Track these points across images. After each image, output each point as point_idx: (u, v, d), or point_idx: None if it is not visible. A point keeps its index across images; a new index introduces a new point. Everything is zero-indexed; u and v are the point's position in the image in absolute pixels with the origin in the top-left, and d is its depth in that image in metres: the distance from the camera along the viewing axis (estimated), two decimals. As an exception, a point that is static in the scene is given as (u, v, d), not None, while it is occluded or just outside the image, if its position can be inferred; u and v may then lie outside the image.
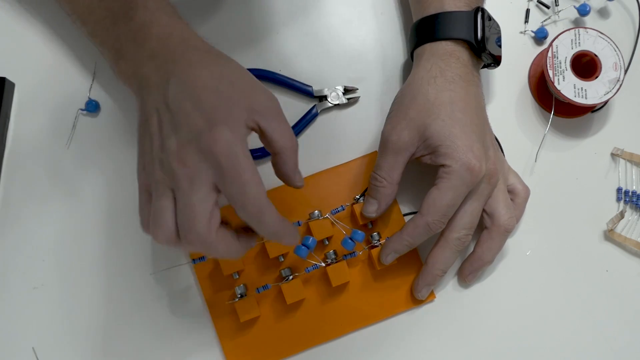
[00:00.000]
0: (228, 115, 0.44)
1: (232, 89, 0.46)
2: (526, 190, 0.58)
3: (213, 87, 0.45)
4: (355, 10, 0.64)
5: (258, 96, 0.47)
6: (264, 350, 0.57)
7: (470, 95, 0.54)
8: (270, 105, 0.47)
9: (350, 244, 0.55)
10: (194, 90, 0.45)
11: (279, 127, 0.47)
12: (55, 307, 0.58)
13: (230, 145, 0.43)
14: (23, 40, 0.61)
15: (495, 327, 0.59)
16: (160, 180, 0.44)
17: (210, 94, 0.45)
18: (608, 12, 0.65)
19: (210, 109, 0.44)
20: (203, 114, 0.44)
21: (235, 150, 0.43)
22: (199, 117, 0.44)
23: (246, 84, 0.47)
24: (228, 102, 0.45)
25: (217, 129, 0.43)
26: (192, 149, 0.43)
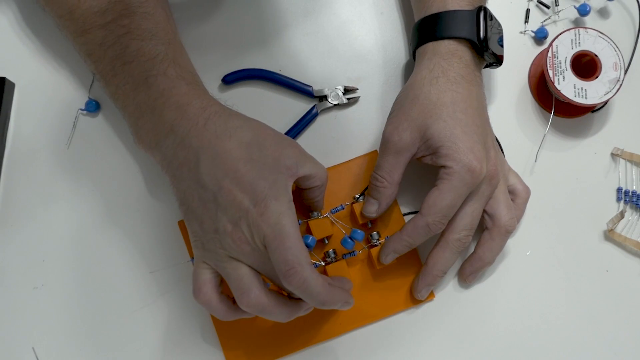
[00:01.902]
0: (271, 185, 0.45)
1: (263, 153, 0.46)
2: (527, 190, 0.58)
3: (246, 158, 0.46)
4: (355, 10, 0.64)
5: (286, 149, 0.48)
6: (264, 349, 0.57)
7: (472, 96, 0.54)
8: (298, 153, 0.49)
9: (349, 243, 0.55)
10: (229, 165, 0.45)
11: (313, 168, 0.49)
12: (55, 307, 0.58)
13: (277, 215, 0.45)
14: (23, 41, 0.62)
15: (495, 327, 0.59)
16: (224, 255, 0.46)
17: (246, 166, 0.45)
18: (608, 12, 0.65)
19: (250, 184, 0.45)
20: (245, 191, 0.45)
21: (281, 220, 0.45)
22: (241, 195, 0.45)
23: (273, 142, 0.48)
24: (264, 170, 0.46)
25: (262, 205, 0.45)
26: (244, 226, 0.45)
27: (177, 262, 0.58)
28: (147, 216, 0.59)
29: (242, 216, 0.45)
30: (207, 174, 0.46)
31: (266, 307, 0.46)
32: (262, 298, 0.46)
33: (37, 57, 0.61)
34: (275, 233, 0.45)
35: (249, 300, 0.46)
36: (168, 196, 0.59)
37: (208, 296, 0.47)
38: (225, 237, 0.45)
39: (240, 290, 0.46)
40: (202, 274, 0.48)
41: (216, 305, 0.48)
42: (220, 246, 0.46)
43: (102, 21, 0.51)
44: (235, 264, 0.46)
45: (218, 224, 0.46)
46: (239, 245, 0.45)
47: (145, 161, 0.60)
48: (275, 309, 0.47)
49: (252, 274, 0.46)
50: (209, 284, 0.48)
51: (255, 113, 0.61)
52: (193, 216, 0.47)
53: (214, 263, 0.47)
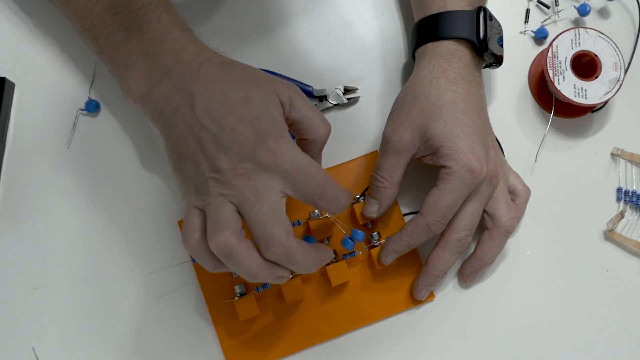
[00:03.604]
0: (272, 122, 0.45)
1: (259, 90, 0.46)
2: (527, 190, 0.58)
3: (243, 97, 0.45)
4: (355, 10, 0.64)
5: (279, 88, 0.47)
6: (263, 349, 0.57)
7: (472, 96, 0.54)
8: (295, 93, 0.48)
9: (350, 244, 0.55)
10: (227, 105, 0.45)
11: (309, 116, 0.48)
12: (55, 307, 0.58)
13: (289, 150, 0.44)
14: (23, 40, 0.61)
15: (495, 327, 0.59)
16: (218, 196, 0.44)
17: (246, 106, 0.45)
18: (608, 12, 0.65)
19: (253, 121, 0.44)
20: (249, 128, 0.44)
21: (294, 153, 0.45)
22: (247, 132, 0.44)
23: (266, 80, 0.47)
24: (265, 109, 0.45)
25: (270, 140, 0.44)
26: (249, 164, 0.44)
27: (177, 262, 0.58)
28: (147, 216, 0.59)
29: (249, 153, 0.44)
30: (206, 116, 0.44)
31: (234, 251, 0.44)
32: (233, 240, 0.43)
33: (37, 57, 0.61)
34: (296, 166, 0.44)
35: (218, 238, 0.43)
36: (168, 196, 0.59)
37: (199, 242, 0.45)
38: (224, 174, 0.44)
39: (214, 226, 0.44)
40: (193, 220, 0.45)
41: (205, 254, 0.45)
42: (214, 185, 0.44)
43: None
44: (222, 201, 0.44)
45: (219, 163, 0.44)
46: (239, 180, 0.44)
47: (146, 161, 0.60)
48: (243, 258, 0.44)
49: (234, 215, 0.44)
50: (200, 230, 0.45)
51: (255, 113, 0.61)
52: (189, 161, 0.45)
53: (203, 203, 0.45)
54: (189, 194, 0.46)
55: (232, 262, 0.44)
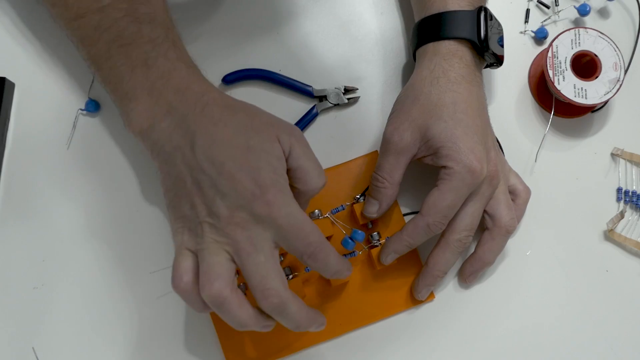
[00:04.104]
0: (272, 174, 0.45)
1: (263, 141, 0.46)
2: (527, 191, 0.58)
3: (244, 145, 0.45)
4: (355, 10, 0.64)
5: (284, 136, 0.47)
6: (263, 349, 0.57)
7: (472, 96, 0.54)
8: (296, 140, 0.47)
9: (350, 244, 0.55)
10: (228, 151, 0.45)
11: (308, 167, 0.48)
12: (55, 307, 0.58)
13: (286, 206, 0.44)
14: (23, 41, 0.61)
15: (495, 327, 0.59)
16: (213, 242, 0.44)
17: (247, 154, 0.45)
18: (608, 12, 0.65)
19: (253, 171, 0.44)
20: (248, 177, 0.44)
21: (291, 209, 0.45)
22: (246, 181, 0.44)
23: (270, 129, 0.47)
24: (267, 159, 0.45)
25: (269, 193, 0.44)
26: (245, 214, 0.44)
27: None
28: (147, 216, 0.59)
29: (246, 203, 0.44)
30: (206, 158, 0.44)
31: (226, 302, 0.44)
32: (226, 291, 0.44)
33: (37, 57, 0.61)
34: (291, 222, 0.44)
35: (211, 288, 0.43)
36: (168, 196, 0.59)
37: (189, 286, 0.45)
38: (220, 220, 0.44)
39: (207, 276, 0.44)
40: (185, 262, 0.45)
41: (195, 298, 0.45)
42: (210, 231, 0.44)
43: (97, 5, 0.49)
44: (216, 249, 0.44)
45: (216, 208, 0.44)
46: (234, 229, 0.44)
47: (145, 161, 0.60)
48: (235, 309, 0.44)
49: (227, 264, 0.44)
50: (190, 273, 0.45)
51: (255, 113, 0.61)
52: (185, 200, 0.45)
53: (196, 247, 0.45)
54: (182, 233, 0.46)
55: (223, 311, 0.45)
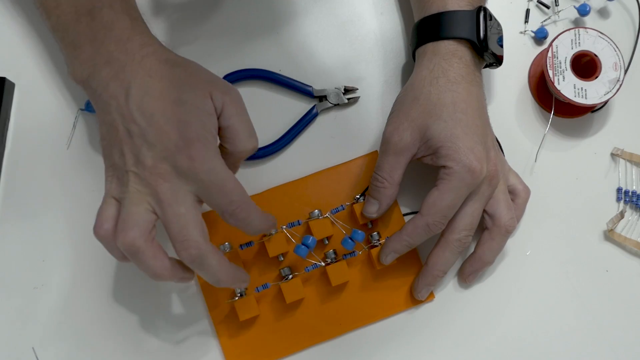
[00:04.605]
0: (200, 129, 0.45)
1: (195, 96, 0.46)
2: (527, 190, 0.58)
3: (177, 99, 0.45)
4: (355, 10, 0.64)
5: (218, 93, 0.47)
6: (263, 349, 0.57)
7: (472, 96, 0.54)
8: (231, 99, 0.48)
9: (350, 244, 0.55)
10: (159, 103, 0.45)
11: (239, 127, 0.48)
12: (55, 307, 0.58)
13: (210, 161, 0.45)
14: (23, 40, 0.62)
15: (494, 327, 0.59)
16: (135, 192, 0.45)
17: (177, 108, 0.45)
18: (608, 12, 0.65)
19: (181, 125, 0.45)
20: (175, 129, 0.45)
21: (214, 165, 0.45)
22: (172, 133, 0.44)
23: (205, 85, 0.47)
24: (197, 114, 0.45)
25: (193, 148, 0.44)
26: (169, 165, 0.44)
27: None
28: (147, 216, 0.59)
29: (170, 155, 0.44)
30: (137, 109, 0.45)
31: (139, 251, 0.45)
32: (140, 241, 0.44)
33: (37, 57, 0.61)
34: (212, 177, 0.45)
35: (125, 237, 0.44)
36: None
37: (108, 233, 0.46)
38: (144, 170, 0.45)
39: (123, 224, 0.45)
40: (108, 209, 0.46)
41: (113, 246, 0.46)
42: (134, 180, 0.45)
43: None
44: (138, 199, 0.45)
45: (142, 157, 0.45)
46: (156, 179, 0.44)
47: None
48: (148, 259, 0.45)
49: (146, 215, 0.45)
50: (111, 221, 0.46)
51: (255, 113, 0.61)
52: (116, 149, 0.46)
53: (120, 196, 0.46)
54: (111, 182, 0.47)
55: (137, 261, 0.46)
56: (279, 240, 0.56)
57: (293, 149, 0.61)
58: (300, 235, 0.56)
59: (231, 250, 0.56)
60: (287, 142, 0.60)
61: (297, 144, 0.61)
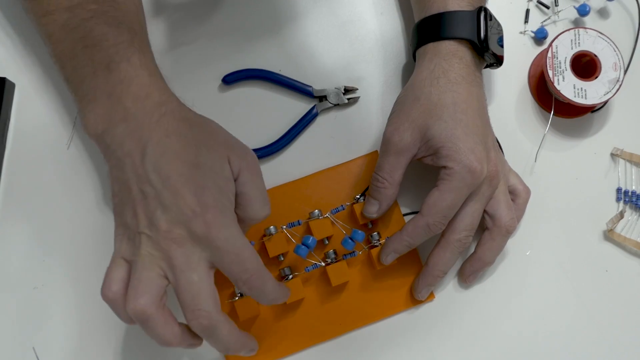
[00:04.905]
0: (217, 194, 0.44)
1: (213, 159, 0.45)
2: (527, 191, 0.58)
3: (194, 161, 0.45)
4: (355, 10, 0.64)
5: (235, 158, 0.47)
6: (263, 349, 0.57)
7: (472, 96, 0.54)
8: (247, 165, 0.47)
9: (350, 244, 0.55)
10: (176, 165, 0.44)
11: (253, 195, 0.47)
12: (55, 307, 0.58)
13: (226, 228, 0.44)
14: (23, 40, 0.61)
15: (494, 327, 0.59)
16: (147, 255, 0.44)
17: (194, 171, 0.44)
18: (608, 12, 0.65)
19: (198, 189, 0.44)
20: (192, 193, 0.44)
21: (231, 233, 0.44)
22: (188, 197, 0.43)
23: (223, 148, 0.47)
24: (214, 178, 0.45)
25: (210, 214, 0.43)
26: (184, 230, 0.43)
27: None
28: (147, 216, 0.59)
29: (186, 220, 0.43)
30: (153, 169, 0.44)
31: (150, 318, 0.44)
32: (151, 308, 0.43)
33: (37, 57, 0.61)
34: (228, 245, 0.44)
35: (136, 304, 0.43)
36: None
37: (117, 296, 0.45)
38: (158, 233, 0.43)
39: (134, 290, 0.44)
40: (118, 271, 0.45)
41: (121, 309, 0.45)
42: (147, 243, 0.44)
43: (67, 4, 0.49)
44: (149, 263, 0.44)
45: (156, 220, 0.43)
46: (170, 244, 0.43)
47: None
48: (159, 327, 0.44)
49: (158, 280, 0.44)
50: (120, 283, 0.45)
51: (255, 113, 0.62)
52: (129, 209, 0.45)
53: (131, 258, 0.45)
54: (121, 241, 0.46)
55: (147, 328, 0.45)
56: (279, 240, 0.56)
57: (293, 149, 0.61)
58: (300, 235, 0.56)
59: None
60: (287, 142, 0.60)
61: (297, 144, 0.61)
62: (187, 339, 0.46)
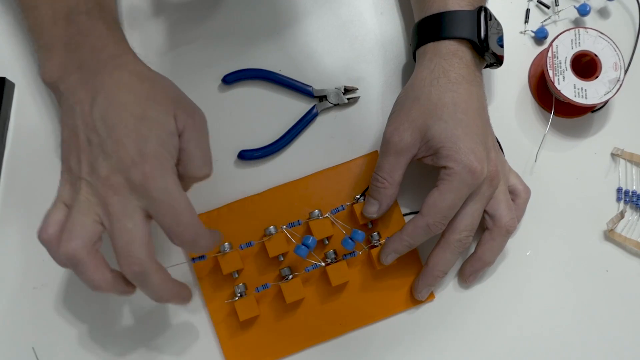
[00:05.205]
0: (158, 147, 0.45)
1: (159, 113, 0.46)
2: (527, 191, 0.58)
3: (141, 114, 0.45)
4: (355, 10, 0.64)
5: (182, 114, 0.47)
6: (263, 349, 0.57)
7: (472, 96, 0.54)
8: (193, 122, 0.48)
9: (350, 244, 0.55)
10: (122, 116, 0.45)
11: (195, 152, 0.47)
12: (55, 307, 0.58)
13: (163, 179, 0.44)
14: (23, 41, 0.61)
15: (495, 327, 0.59)
16: (85, 201, 0.45)
17: (139, 122, 0.45)
18: (608, 12, 0.65)
19: (140, 140, 0.45)
20: (133, 143, 0.44)
21: (167, 184, 0.45)
22: (130, 146, 0.44)
23: (171, 104, 0.47)
24: (158, 131, 0.45)
25: (148, 164, 0.44)
26: (123, 178, 0.44)
27: (176, 262, 0.58)
28: (147, 216, 0.59)
29: (124, 168, 0.44)
30: (100, 118, 0.45)
31: (80, 262, 0.45)
32: (82, 252, 0.44)
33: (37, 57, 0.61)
34: (163, 198, 0.44)
35: (67, 246, 0.44)
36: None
37: (52, 238, 0.46)
38: (98, 180, 0.44)
39: (67, 233, 0.45)
40: (56, 214, 0.46)
41: (55, 251, 0.46)
42: (86, 189, 0.45)
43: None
44: (86, 208, 0.45)
45: (97, 167, 0.44)
46: (107, 191, 0.44)
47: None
48: (89, 271, 0.45)
49: (92, 226, 0.45)
50: (56, 226, 0.46)
51: (255, 113, 0.62)
52: (74, 154, 0.46)
53: (71, 201, 0.46)
54: (64, 186, 0.47)
55: (78, 272, 0.45)
56: (279, 240, 0.56)
57: (293, 149, 0.61)
58: (300, 235, 0.56)
59: (231, 250, 0.56)
60: (287, 142, 0.60)
61: (297, 144, 0.61)
62: (119, 285, 0.47)
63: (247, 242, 0.57)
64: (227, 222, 0.58)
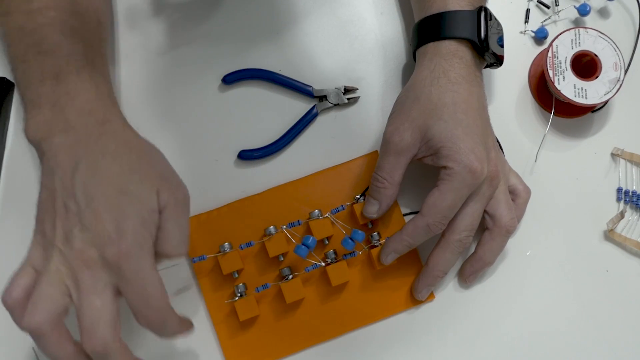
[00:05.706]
0: (137, 226, 0.44)
1: (141, 189, 0.45)
2: (527, 191, 0.58)
3: (122, 189, 0.44)
4: (355, 10, 0.64)
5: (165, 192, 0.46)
6: (263, 349, 0.57)
7: (472, 96, 0.54)
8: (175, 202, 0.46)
9: (350, 244, 0.55)
10: (105, 188, 0.44)
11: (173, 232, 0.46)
12: (55, 307, 0.58)
13: (137, 260, 0.43)
14: (23, 40, 0.62)
15: (495, 327, 0.59)
16: (55, 271, 0.44)
17: (120, 197, 0.44)
18: (608, 12, 0.65)
19: (119, 216, 0.43)
20: (112, 219, 0.43)
21: (142, 266, 0.43)
22: (108, 222, 0.43)
23: (155, 180, 0.46)
24: (138, 208, 0.44)
25: (124, 242, 0.43)
26: (96, 254, 0.43)
27: (176, 262, 0.58)
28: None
29: (100, 244, 0.43)
30: (81, 187, 0.44)
31: (44, 336, 0.43)
32: (46, 327, 0.43)
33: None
34: (136, 279, 0.43)
35: (32, 319, 0.43)
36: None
37: (16, 304, 0.44)
38: (71, 251, 0.43)
39: (33, 305, 0.43)
40: (24, 278, 0.44)
41: (18, 316, 0.44)
42: (58, 258, 0.43)
43: (26, 7, 0.49)
44: (55, 279, 0.43)
45: (72, 238, 0.43)
46: (80, 265, 0.43)
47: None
48: (52, 345, 0.43)
49: (60, 299, 0.43)
50: (22, 292, 0.44)
51: (255, 113, 0.62)
52: (49, 218, 0.44)
53: (40, 269, 0.44)
54: (35, 248, 0.45)
55: (40, 345, 0.44)
56: (279, 240, 0.56)
57: (293, 149, 0.61)
58: (300, 235, 0.56)
59: (231, 250, 0.56)
60: (287, 142, 0.60)
61: (297, 144, 0.61)
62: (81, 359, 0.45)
63: (247, 242, 0.57)
64: (227, 222, 0.58)
